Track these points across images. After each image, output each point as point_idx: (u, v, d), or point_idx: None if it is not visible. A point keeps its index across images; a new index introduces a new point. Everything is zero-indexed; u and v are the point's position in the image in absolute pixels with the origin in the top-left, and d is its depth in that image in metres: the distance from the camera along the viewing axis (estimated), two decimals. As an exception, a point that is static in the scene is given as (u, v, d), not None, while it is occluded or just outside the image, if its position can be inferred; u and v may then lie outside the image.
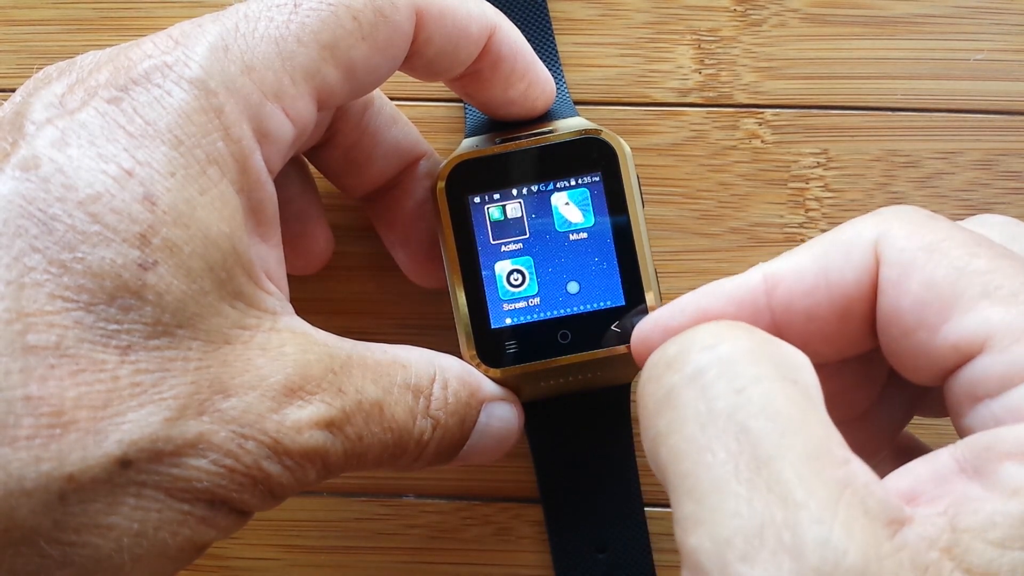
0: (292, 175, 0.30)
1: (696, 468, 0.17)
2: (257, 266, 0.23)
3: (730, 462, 0.17)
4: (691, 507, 0.17)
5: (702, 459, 0.17)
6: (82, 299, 0.20)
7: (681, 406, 0.18)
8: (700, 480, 0.17)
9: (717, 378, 0.18)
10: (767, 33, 0.34)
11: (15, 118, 0.22)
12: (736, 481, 0.17)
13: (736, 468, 0.17)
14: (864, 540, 0.16)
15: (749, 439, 0.17)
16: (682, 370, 0.19)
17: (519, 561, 0.33)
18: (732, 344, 0.19)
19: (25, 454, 0.19)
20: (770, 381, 0.18)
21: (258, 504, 0.22)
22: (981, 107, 0.33)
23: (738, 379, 0.18)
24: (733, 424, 0.18)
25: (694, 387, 0.18)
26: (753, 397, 0.18)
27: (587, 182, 0.29)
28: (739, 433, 0.17)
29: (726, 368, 0.18)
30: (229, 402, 0.21)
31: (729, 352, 0.19)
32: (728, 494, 0.17)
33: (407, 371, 0.25)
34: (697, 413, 0.18)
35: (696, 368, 0.19)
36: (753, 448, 0.17)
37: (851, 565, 0.16)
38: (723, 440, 0.17)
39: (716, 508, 0.17)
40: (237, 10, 0.23)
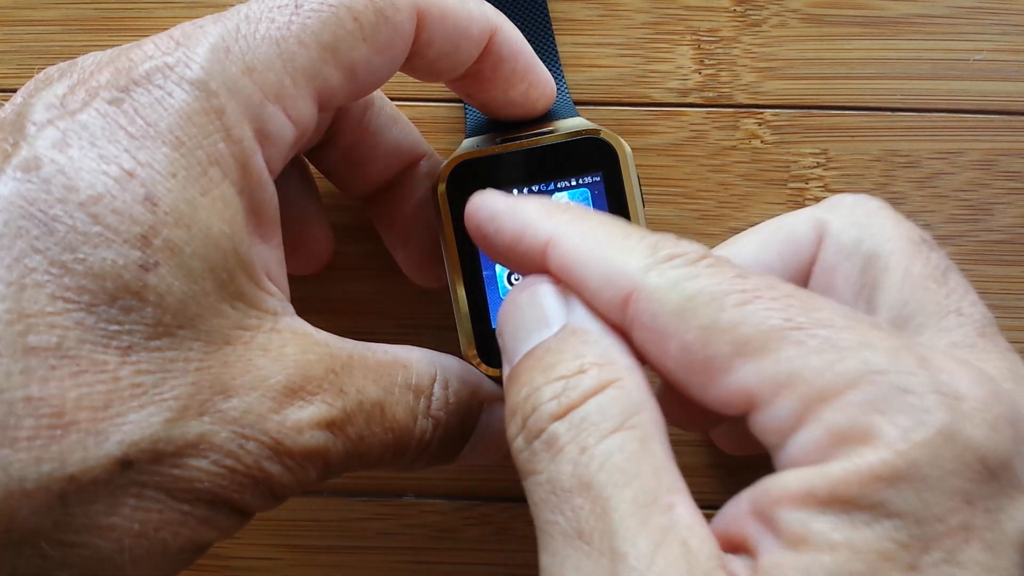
0: (292, 175, 0.30)
1: (549, 526, 0.19)
2: (258, 267, 0.23)
3: (575, 519, 0.19)
4: (547, 559, 0.19)
5: (552, 517, 0.19)
6: (83, 300, 0.20)
7: (538, 471, 0.20)
8: (552, 536, 0.19)
9: (568, 442, 0.20)
10: (767, 33, 0.34)
11: (16, 119, 0.22)
12: (579, 538, 0.18)
13: (579, 525, 0.19)
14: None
15: (591, 495, 0.19)
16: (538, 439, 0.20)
17: (519, 561, 0.33)
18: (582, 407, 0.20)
19: (26, 455, 0.19)
20: (613, 435, 0.19)
21: (259, 504, 0.22)
22: (981, 107, 0.33)
23: (586, 437, 0.19)
24: (578, 483, 0.19)
25: (547, 453, 0.20)
26: (597, 454, 0.19)
27: (588, 182, 0.29)
28: (584, 490, 0.19)
29: (576, 430, 0.20)
30: (230, 403, 0.21)
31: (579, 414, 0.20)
32: (573, 550, 0.18)
33: (408, 371, 0.25)
34: (549, 477, 0.20)
35: (549, 436, 0.20)
36: (594, 503, 0.19)
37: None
38: (570, 500, 0.19)
39: (563, 563, 0.19)
40: (238, 11, 0.23)
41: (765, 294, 0.19)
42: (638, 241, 0.21)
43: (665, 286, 0.20)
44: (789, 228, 0.26)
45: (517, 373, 0.22)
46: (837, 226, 0.25)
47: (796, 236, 0.25)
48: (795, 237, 0.25)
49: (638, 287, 0.20)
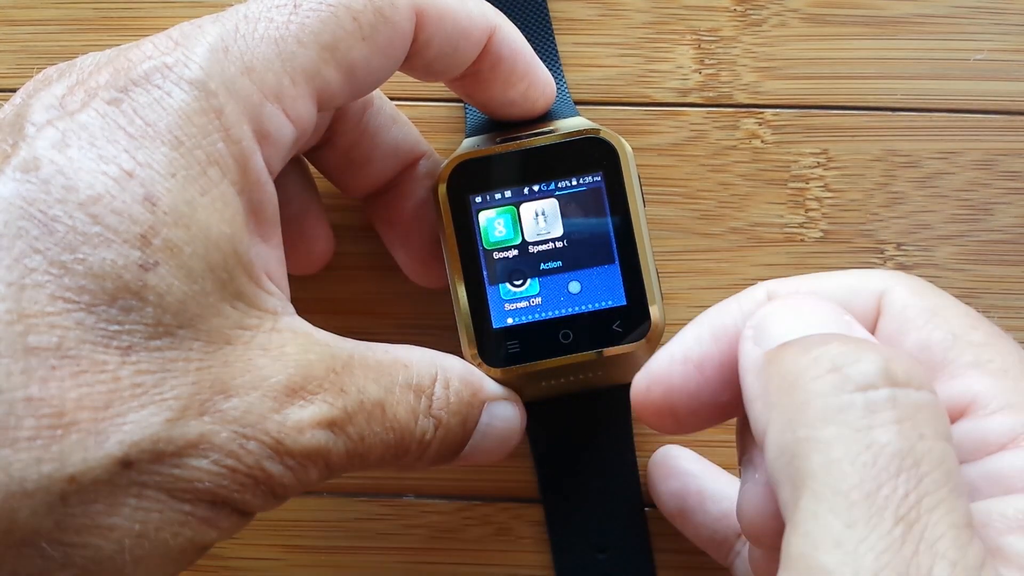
0: (292, 175, 0.30)
1: (855, 492, 0.17)
2: (258, 266, 0.23)
3: (895, 501, 0.17)
4: (836, 527, 0.17)
5: (867, 487, 0.17)
6: (83, 300, 0.20)
7: (858, 427, 0.17)
8: (857, 506, 0.17)
9: (906, 417, 0.18)
10: (767, 33, 0.34)
11: (15, 120, 0.22)
12: (894, 521, 0.16)
13: (898, 509, 0.17)
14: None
15: (918, 489, 0.17)
16: (865, 393, 0.18)
17: (519, 561, 0.33)
18: (920, 393, 0.18)
19: (26, 455, 0.19)
20: (945, 440, 0.18)
21: (260, 504, 0.22)
22: (981, 107, 0.33)
23: (923, 426, 0.18)
24: (911, 467, 0.17)
25: (877, 415, 0.18)
26: (933, 449, 0.17)
27: (588, 182, 0.29)
28: (912, 479, 0.17)
29: (915, 411, 0.18)
30: (230, 402, 0.21)
31: (918, 398, 0.18)
32: (883, 531, 0.16)
33: (409, 371, 0.25)
34: (875, 442, 0.17)
35: (884, 398, 0.18)
36: (919, 497, 0.17)
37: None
38: (896, 478, 0.17)
39: (864, 539, 0.16)
40: (237, 11, 0.23)
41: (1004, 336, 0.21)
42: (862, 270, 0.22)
43: (917, 287, 0.21)
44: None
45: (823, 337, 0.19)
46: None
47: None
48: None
49: (889, 286, 0.21)
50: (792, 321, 0.20)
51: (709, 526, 0.30)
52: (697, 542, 0.31)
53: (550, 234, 0.29)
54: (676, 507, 0.31)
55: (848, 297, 0.21)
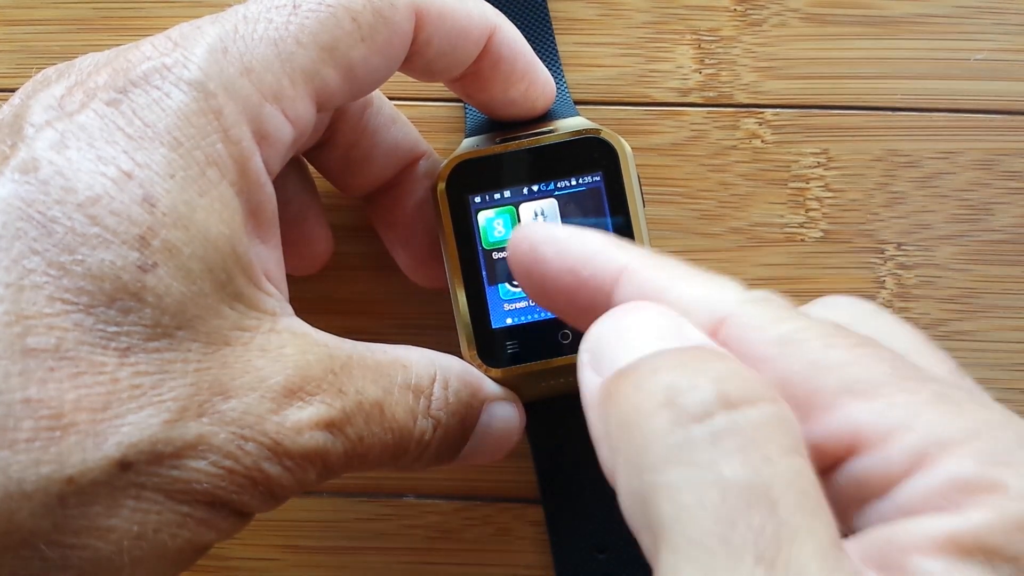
0: (291, 176, 0.30)
1: (709, 538, 0.16)
2: (256, 267, 0.23)
3: (751, 539, 0.16)
4: (692, 571, 0.16)
5: (720, 530, 0.16)
6: (81, 301, 0.20)
7: (700, 465, 0.16)
8: (713, 553, 0.16)
9: (747, 445, 0.16)
10: (767, 33, 0.34)
11: (14, 120, 0.22)
12: (754, 561, 0.15)
13: (756, 546, 0.15)
14: None
15: (774, 518, 0.16)
16: (702, 425, 0.17)
17: (519, 561, 0.33)
18: (759, 408, 0.17)
19: (25, 457, 0.19)
20: (796, 456, 0.17)
21: (258, 505, 0.22)
22: (981, 107, 0.33)
23: (768, 448, 0.16)
24: (759, 497, 0.16)
25: (718, 448, 0.16)
26: (781, 470, 0.16)
27: (588, 182, 0.29)
28: (765, 509, 0.16)
29: (755, 434, 0.17)
30: (229, 404, 0.21)
31: (757, 417, 0.17)
32: (744, 569, 0.15)
33: (408, 371, 0.25)
34: (720, 478, 0.16)
35: (721, 428, 0.17)
36: (776, 528, 0.16)
37: None
38: (747, 513, 0.16)
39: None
40: (236, 12, 0.23)
41: (872, 345, 0.18)
42: (726, 280, 0.20)
43: (767, 317, 0.19)
44: None
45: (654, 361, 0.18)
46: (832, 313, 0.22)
47: None
48: None
49: (734, 314, 0.19)
50: (627, 341, 0.19)
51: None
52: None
53: (550, 234, 0.29)
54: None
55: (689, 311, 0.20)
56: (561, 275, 0.21)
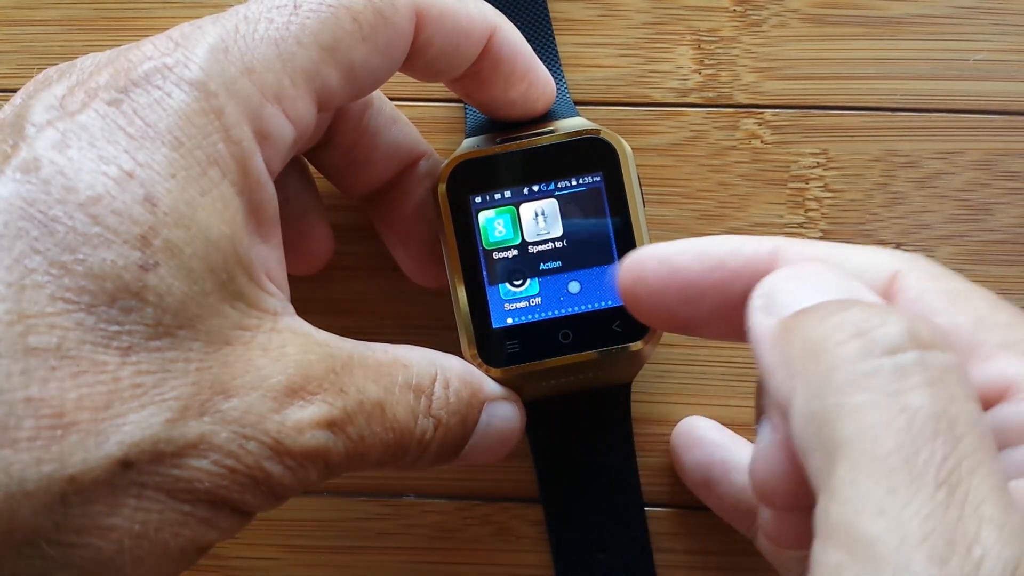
0: (292, 175, 0.30)
1: (893, 457, 0.16)
2: (258, 267, 0.23)
3: (934, 465, 0.16)
4: (878, 493, 0.16)
5: (904, 452, 0.16)
6: (83, 301, 0.20)
7: (891, 391, 0.17)
8: (897, 472, 0.16)
9: (936, 380, 0.17)
10: (767, 33, 0.34)
11: (15, 120, 0.22)
12: (936, 485, 0.16)
13: (938, 473, 0.16)
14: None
15: (956, 451, 0.16)
16: (894, 357, 0.17)
17: (519, 561, 0.33)
18: (944, 355, 0.18)
19: (26, 456, 0.19)
20: (973, 401, 0.17)
21: (260, 505, 0.22)
22: (981, 107, 0.33)
23: (952, 389, 0.17)
24: (947, 430, 0.17)
25: (908, 378, 0.17)
26: (965, 411, 0.17)
27: (588, 182, 0.29)
28: (949, 441, 0.16)
29: (942, 373, 0.17)
30: (230, 403, 0.21)
31: (943, 360, 0.18)
32: (926, 496, 0.16)
33: (408, 371, 0.25)
34: (908, 405, 0.17)
35: (910, 361, 0.17)
36: (958, 460, 0.16)
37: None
38: (933, 441, 0.16)
39: (908, 505, 0.16)
40: (237, 12, 0.23)
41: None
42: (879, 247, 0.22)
43: (936, 272, 0.20)
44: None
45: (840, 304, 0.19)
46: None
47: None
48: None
49: (904, 269, 0.20)
50: (804, 289, 0.20)
51: (733, 496, 0.30)
52: (721, 513, 0.31)
53: (550, 234, 0.29)
54: (700, 477, 0.31)
55: (858, 272, 0.21)
56: (706, 275, 0.22)
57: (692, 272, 0.22)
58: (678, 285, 0.22)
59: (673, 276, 0.22)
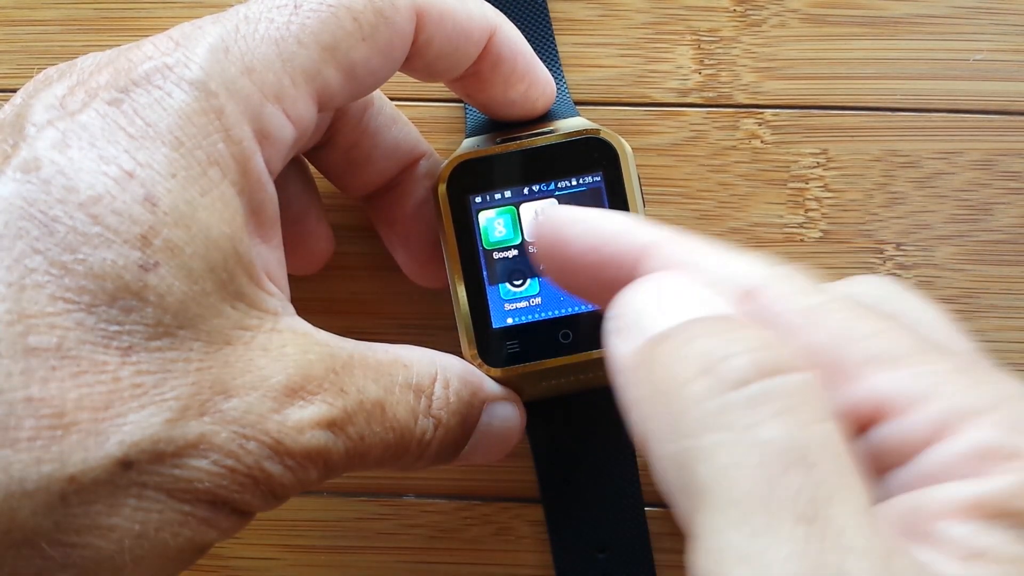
0: (292, 175, 0.30)
1: (749, 499, 0.16)
2: (258, 267, 0.23)
3: (790, 499, 0.16)
4: (737, 540, 0.16)
5: (759, 490, 0.16)
6: (83, 300, 0.20)
7: (739, 428, 0.17)
8: (755, 513, 0.16)
9: (784, 409, 0.17)
10: (767, 33, 0.34)
11: (16, 120, 0.22)
12: (794, 521, 0.16)
13: (795, 507, 0.16)
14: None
15: (811, 481, 0.16)
16: (740, 390, 0.17)
17: (519, 561, 0.33)
18: (794, 376, 0.17)
19: (26, 455, 0.19)
20: (830, 421, 0.17)
21: (260, 504, 0.22)
22: (981, 107, 0.33)
23: (804, 413, 0.17)
24: (799, 460, 0.16)
25: (756, 412, 0.17)
26: (817, 435, 0.16)
27: (588, 182, 0.29)
28: (802, 471, 0.16)
29: (791, 399, 0.17)
30: (230, 403, 0.21)
31: (792, 383, 0.17)
32: (786, 535, 0.15)
33: (408, 371, 0.25)
34: (759, 440, 0.16)
35: (757, 392, 0.17)
36: (814, 490, 0.16)
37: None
38: (786, 474, 0.16)
39: (769, 548, 0.15)
40: (237, 11, 0.23)
41: (894, 320, 0.19)
42: (751, 256, 0.20)
43: (794, 289, 0.19)
44: None
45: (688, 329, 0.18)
46: (859, 291, 0.22)
47: None
48: None
49: (761, 285, 0.19)
50: (658, 309, 0.19)
51: None
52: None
53: (550, 234, 0.29)
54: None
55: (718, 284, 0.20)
56: (585, 254, 0.21)
57: (574, 248, 0.21)
58: (562, 256, 0.21)
59: (559, 246, 0.21)
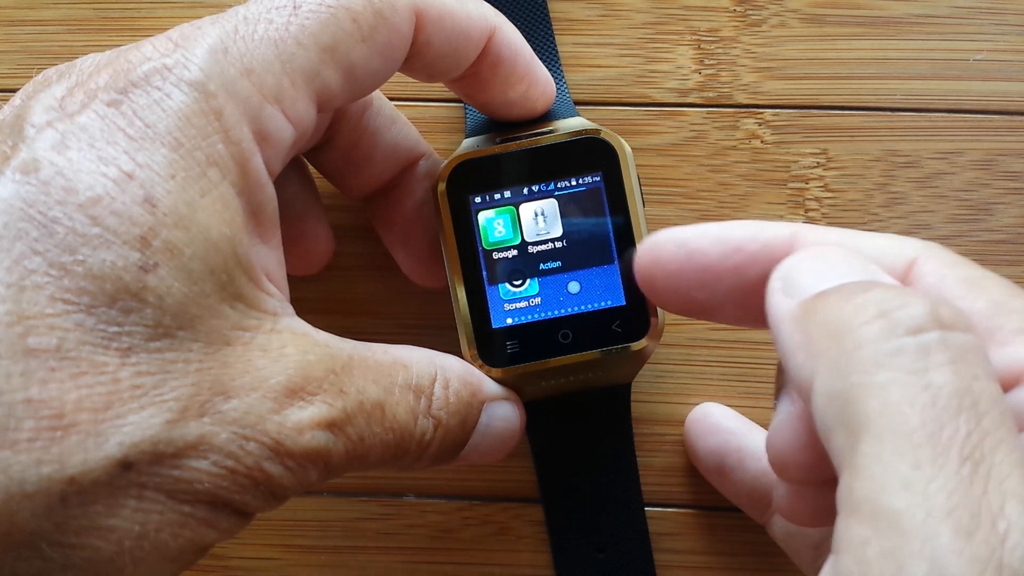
0: (292, 176, 0.30)
1: (917, 434, 0.17)
2: (257, 267, 0.23)
3: (958, 441, 0.17)
4: (902, 469, 0.16)
5: (928, 428, 0.17)
6: (83, 301, 0.20)
7: (912, 370, 0.17)
8: (921, 447, 0.16)
9: (958, 358, 0.18)
10: (767, 33, 0.34)
11: (15, 121, 0.22)
12: (960, 461, 0.16)
13: (962, 448, 0.16)
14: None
15: (980, 428, 0.17)
16: (916, 336, 0.18)
17: (519, 561, 0.33)
18: (965, 335, 0.18)
19: (26, 457, 0.19)
20: (993, 381, 0.18)
21: (260, 505, 0.22)
22: (981, 107, 0.33)
23: (974, 367, 0.18)
24: (970, 407, 0.17)
25: (931, 356, 0.17)
26: (987, 390, 0.17)
27: (588, 182, 0.29)
28: (972, 418, 0.17)
29: (963, 353, 0.18)
30: (230, 403, 0.21)
31: (964, 340, 0.18)
32: (951, 471, 0.16)
33: (408, 371, 0.25)
34: (932, 383, 0.17)
35: (933, 340, 0.18)
36: (981, 437, 0.17)
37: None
38: (957, 418, 0.17)
39: (933, 480, 0.16)
40: (236, 12, 0.23)
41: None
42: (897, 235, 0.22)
43: (953, 261, 0.21)
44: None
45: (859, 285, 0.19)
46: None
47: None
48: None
49: (923, 255, 0.21)
50: (824, 272, 0.20)
51: (748, 483, 0.30)
52: (735, 500, 0.31)
53: (550, 234, 0.29)
54: (715, 464, 0.31)
55: (877, 258, 0.21)
56: (724, 259, 0.22)
57: (710, 255, 0.22)
58: (695, 268, 0.22)
59: (690, 259, 0.22)
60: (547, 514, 0.32)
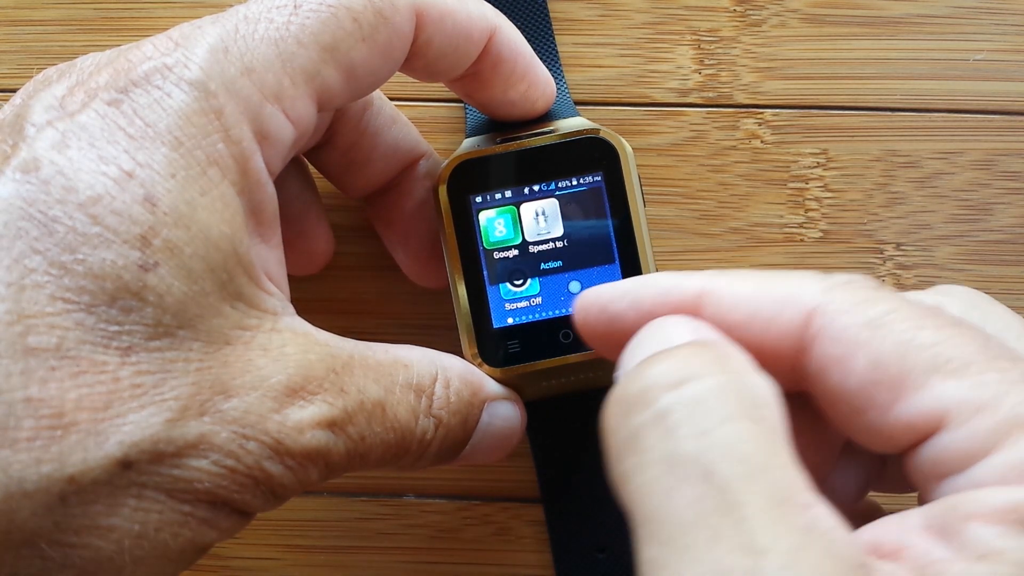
0: (292, 175, 0.30)
1: (660, 512, 0.17)
2: (258, 267, 0.23)
3: (694, 506, 0.17)
4: (655, 550, 0.17)
5: (666, 503, 0.17)
6: (83, 300, 0.20)
7: (646, 449, 0.18)
8: (664, 524, 0.17)
9: (683, 420, 0.18)
10: (767, 33, 0.34)
11: (15, 120, 0.22)
12: (699, 526, 0.16)
13: (700, 512, 0.16)
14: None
15: (714, 483, 0.17)
16: (646, 411, 0.18)
17: (519, 561, 0.33)
18: (698, 384, 0.18)
19: (26, 456, 0.19)
20: (735, 422, 0.17)
21: (260, 505, 0.22)
22: (981, 107, 0.33)
23: (704, 420, 0.17)
24: (698, 467, 0.17)
25: (659, 429, 0.18)
26: (718, 440, 0.17)
27: (588, 182, 0.29)
28: (704, 476, 0.17)
29: (692, 409, 0.18)
30: (230, 403, 0.21)
31: (694, 393, 0.18)
32: (692, 539, 0.16)
33: (409, 371, 0.25)
34: (662, 456, 0.17)
35: (661, 409, 0.18)
36: (718, 492, 0.17)
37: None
38: (689, 484, 0.17)
39: (680, 553, 0.16)
40: (237, 12, 0.23)
41: (963, 325, 0.19)
42: (804, 273, 0.21)
43: (854, 301, 0.19)
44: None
45: (629, 374, 0.20)
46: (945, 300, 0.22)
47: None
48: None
49: (822, 304, 0.20)
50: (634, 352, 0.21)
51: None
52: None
53: (550, 234, 0.29)
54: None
55: (774, 312, 0.20)
56: (641, 320, 0.22)
57: (627, 320, 0.22)
58: (618, 330, 0.22)
59: (612, 324, 0.22)
60: (547, 514, 0.32)
